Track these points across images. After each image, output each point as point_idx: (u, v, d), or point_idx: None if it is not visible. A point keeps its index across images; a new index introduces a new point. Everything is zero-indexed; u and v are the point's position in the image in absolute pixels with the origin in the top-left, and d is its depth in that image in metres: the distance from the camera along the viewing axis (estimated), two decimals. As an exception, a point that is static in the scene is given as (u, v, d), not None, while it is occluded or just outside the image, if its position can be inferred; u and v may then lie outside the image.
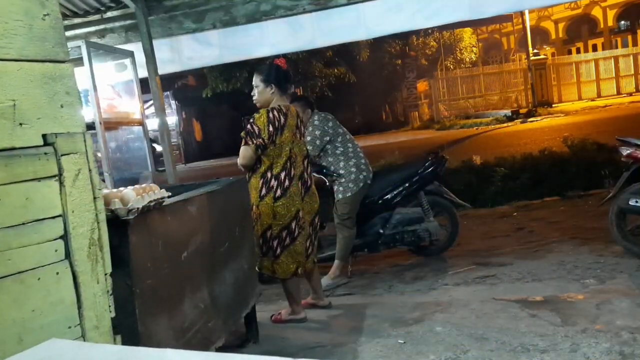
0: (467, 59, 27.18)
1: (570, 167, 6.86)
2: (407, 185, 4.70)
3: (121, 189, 2.06)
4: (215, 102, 20.73)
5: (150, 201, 2.02)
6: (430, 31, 23.85)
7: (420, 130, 21.55)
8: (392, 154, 8.64)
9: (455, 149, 11.48)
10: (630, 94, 22.02)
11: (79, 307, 1.56)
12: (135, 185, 2.14)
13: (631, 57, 24.02)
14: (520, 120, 17.74)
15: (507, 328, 3.13)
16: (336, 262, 4.48)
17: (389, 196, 4.70)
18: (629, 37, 28.54)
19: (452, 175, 6.62)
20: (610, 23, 29.07)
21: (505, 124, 17.26)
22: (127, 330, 1.81)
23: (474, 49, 28.33)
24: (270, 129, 3.37)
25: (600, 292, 3.54)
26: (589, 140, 7.62)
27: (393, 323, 3.43)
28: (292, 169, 3.48)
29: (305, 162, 3.64)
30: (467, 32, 27.08)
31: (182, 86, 23.79)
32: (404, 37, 22.81)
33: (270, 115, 3.41)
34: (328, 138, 4.41)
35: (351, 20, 3.86)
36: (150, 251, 2.08)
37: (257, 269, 3.50)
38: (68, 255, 1.54)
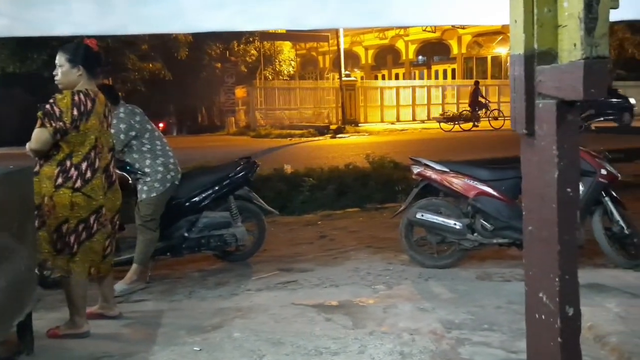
0: (285, 72, 28.02)
1: (370, 182, 7.43)
2: (216, 188, 4.60)
3: None
4: (6, 85, 18.23)
5: None
6: (251, 39, 24.11)
7: (236, 136, 21.63)
8: (204, 156, 8.47)
9: (268, 157, 11.68)
10: (423, 121, 24.86)
11: None
12: None
13: (425, 89, 27.25)
14: (330, 135, 18.79)
15: (303, 332, 3.21)
16: (134, 266, 4.18)
17: (197, 199, 4.55)
18: (425, 71, 32.37)
19: (262, 182, 6.71)
20: (411, 56, 32.62)
21: (316, 138, 18.12)
22: None
23: (293, 62, 29.34)
24: (75, 112, 3.03)
25: (388, 297, 3.84)
26: (387, 159, 8.37)
27: (190, 330, 3.29)
28: (97, 160, 3.16)
29: (111, 155, 3.35)
30: (287, 45, 27.98)
31: (-35, 65, 20.48)
32: (225, 40, 22.69)
33: (76, 97, 3.07)
34: (134, 133, 4.13)
35: (168, 10, 3.62)
36: None
37: (37, 271, 3.09)
38: None
